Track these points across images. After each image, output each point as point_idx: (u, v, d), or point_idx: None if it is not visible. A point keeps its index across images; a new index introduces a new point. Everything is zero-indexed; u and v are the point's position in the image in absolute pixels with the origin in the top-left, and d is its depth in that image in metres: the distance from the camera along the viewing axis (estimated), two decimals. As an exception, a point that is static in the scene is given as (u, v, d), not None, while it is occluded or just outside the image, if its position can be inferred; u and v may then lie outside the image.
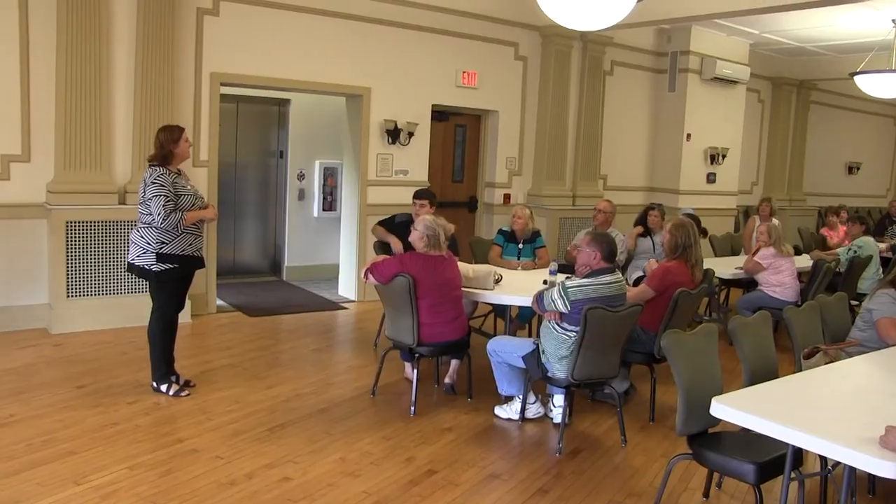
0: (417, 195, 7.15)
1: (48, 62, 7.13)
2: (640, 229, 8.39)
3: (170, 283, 5.64)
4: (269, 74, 8.57)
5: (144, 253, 5.53)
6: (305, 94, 9.89)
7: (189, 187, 5.68)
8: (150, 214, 5.44)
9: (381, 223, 7.33)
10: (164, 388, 5.75)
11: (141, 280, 7.00)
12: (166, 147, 5.54)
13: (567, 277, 5.43)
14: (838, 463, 3.63)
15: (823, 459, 4.21)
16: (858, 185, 17.70)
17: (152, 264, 5.53)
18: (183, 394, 5.73)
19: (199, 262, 5.80)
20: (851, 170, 17.53)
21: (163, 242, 5.51)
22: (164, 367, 5.77)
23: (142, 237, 5.54)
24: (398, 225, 7.08)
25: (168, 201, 5.41)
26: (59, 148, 7.18)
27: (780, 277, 7.87)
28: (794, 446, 3.40)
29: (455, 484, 4.53)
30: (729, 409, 3.45)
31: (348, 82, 9.17)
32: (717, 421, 3.69)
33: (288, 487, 4.35)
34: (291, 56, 8.66)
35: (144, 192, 5.48)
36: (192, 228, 5.64)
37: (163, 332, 5.73)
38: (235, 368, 6.51)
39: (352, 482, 4.47)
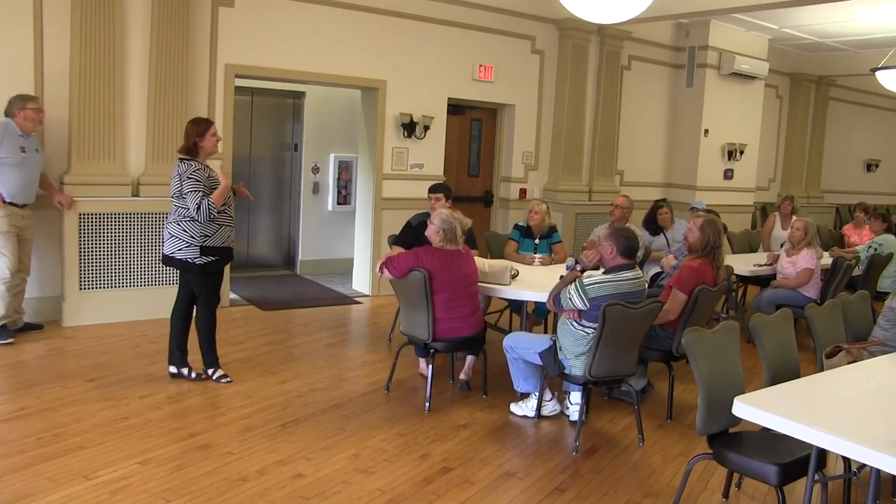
0: (432, 189, 7.04)
1: (62, 53, 7.09)
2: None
3: (213, 274, 5.76)
4: (285, 67, 8.52)
5: (188, 246, 5.57)
6: (320, 86, 9.82)
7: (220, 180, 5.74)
8: (188, 208, 5.49)
9: (398, 242, 6.88)
10: (210, 371, 5.89)
11: (157, 272, 7.11)
12: (192, 139, 5.60)
13: (577, 266, 5.33)
14: (864, 465, 3.55)
15: (846, 461, 4.13)
16: (877, 182, 17.52)
17: (196, 257, 5.58)
18: (194, 376, 5.88)
19: (232, 254, 5.90)
20: (870, 167, 17.37)
21: (206, 235, 5.58)
22: (213, 352, 5.89)
23: (184, 231, 5.56)
24: (418, 227, 6.64)
25: (203, 196, 5.47)
26: (72, 140, 7.15)
27: None
28: (818, 448, 3.32)
29: (470, 482, 4.47)
30: (752, 408, 3.36)
31: (364, 75, 9.10)
32: (737, 420, 3.61)
33: (300, 484, 4.29)
34: (307, 48, 8.61)
35: (181, 185, 5.51)
36: (228, 220, 5.71)
37: (210, 318, 5.83)
38: (248, 363, 6.46)
39: (365, 479, 4.40)
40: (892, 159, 17.90)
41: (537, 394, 5.53)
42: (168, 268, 7.11)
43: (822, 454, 3.55)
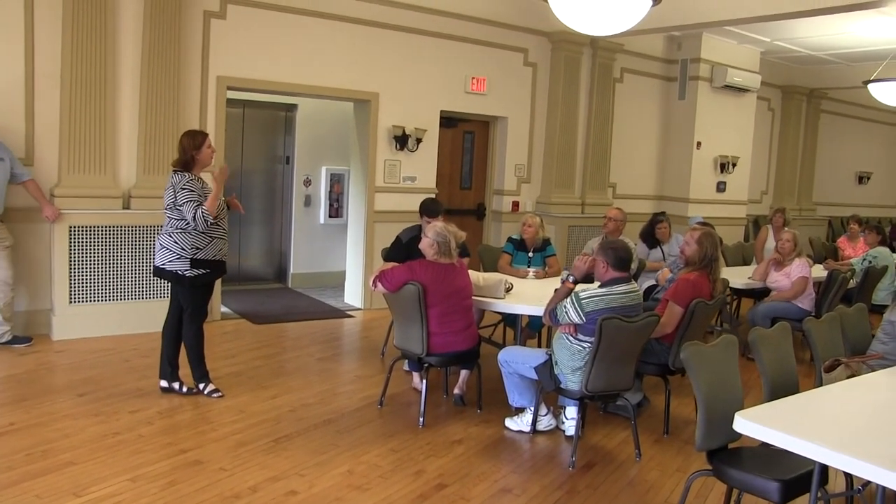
0: (427, 213, 6.68)
1: (53, 65, 7.04)
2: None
3: (203, 287, 5.71)
4: (277, 79, 8.48)
5: (178, 258, 5.53)
6: (313, 99, 9.78)
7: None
8: (184, 219, 5.46)
9: (390, 257, 6.67)
10: (201, 386, 5.83)
11: (148, 286, 7.09)
12: (188, 153, 5.55)
13: (569, 278, 5.26)
14: (868, 482, 3.50)
15: (848, 477, 4.08)
16: (869, 194, 17.61)
17: (186, 269, 5.53)
18: (186, 391, 5.82)
19: (224, 267, 5.85)
20: (862, 179, 17.43)
21: (197, 248, 5.54)
22: (202, 366, 5.85)
23: (175, 242, 5.52)
24: (409, 243, 6.61)
25: (198, 206, 5.43)
26: (63, 152, 7.09)
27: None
28: (820, 464, 3.27)
29: (466, 499, 4.40)
30: (753, 424, 3.31)
31: (356, 87, 9.07)
32: (737, 436, 3.56)
33: (294, 501, 4.22)
34: (299, 60, 8.57)
35: (175, 197, 5.47)
36: (221, 233, 5.66)
37: (197, 333, 5.78)
38: (240, 377, 6.39)
39: (359, 496, 4.34)
40: (884, 172, 17.99)
41: (532, 408, 5.48)
42: (159, 281, 7.11)
43: (825, 470, 3.50)
